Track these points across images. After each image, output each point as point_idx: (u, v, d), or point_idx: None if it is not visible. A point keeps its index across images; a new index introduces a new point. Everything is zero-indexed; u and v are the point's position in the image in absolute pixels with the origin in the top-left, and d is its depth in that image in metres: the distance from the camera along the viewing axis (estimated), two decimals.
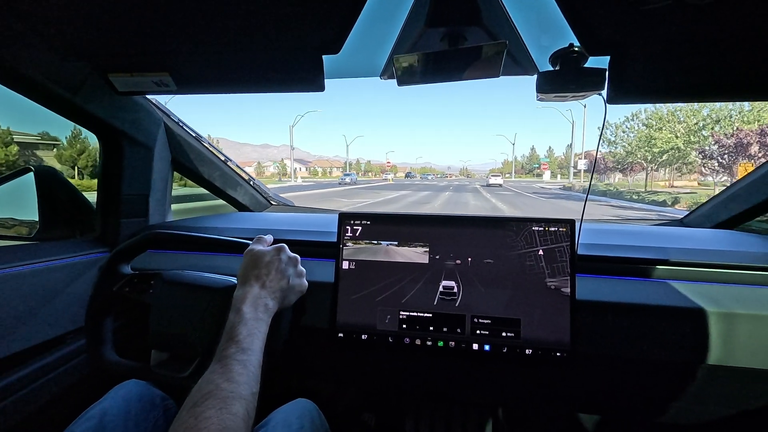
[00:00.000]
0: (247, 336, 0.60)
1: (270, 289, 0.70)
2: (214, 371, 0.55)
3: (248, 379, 0.55)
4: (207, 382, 0.53)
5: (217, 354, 0.58)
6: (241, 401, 0.52)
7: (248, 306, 0.65)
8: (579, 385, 0.94)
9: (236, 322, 0.62)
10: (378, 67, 0.93)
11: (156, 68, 0.89)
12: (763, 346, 0.76)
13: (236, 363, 0.56)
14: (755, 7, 0.56)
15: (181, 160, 1.31)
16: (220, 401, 0.50)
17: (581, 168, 34.47)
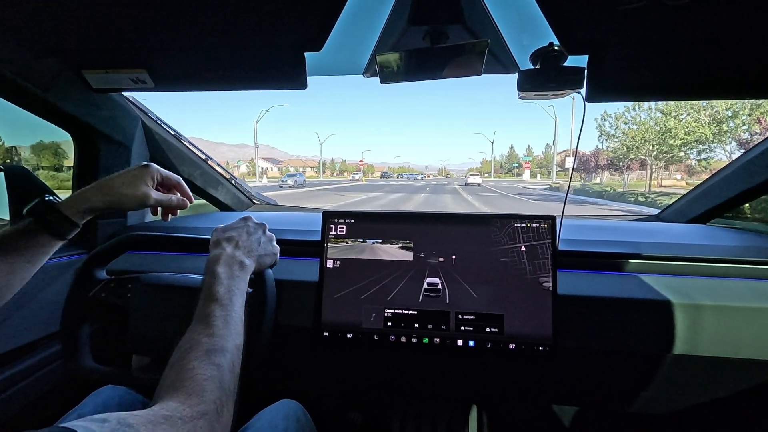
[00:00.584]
0: (225, 293, 0.59)
1: (243, 249, 0.69)
2: (194, 329, 0.54)
3: (230, 333, 0.55)
4: (188, 340, 0.52)
5: (197, 314, 0.57)
6: (224, 353, 0.51)
7: (222, 266, 0.63)
8: (558, 377, 0.96)
9: (212, 282, 0.60)
10: (360, 64, 0.92)
11: (132, 65, 0.86)
12: (725, 335, 0.79)
13: (217, 318, 0.55)
14: (728, 8, 0.58)
15: (160, 158, 1.28)
16: (202, 354, 0.49)
17: (569, 166, 32.62)
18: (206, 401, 0.44)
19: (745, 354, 0.79)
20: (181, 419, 0.41)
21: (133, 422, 0.37)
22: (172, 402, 0.43)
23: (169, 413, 0.41)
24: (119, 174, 0.68)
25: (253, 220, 0.76)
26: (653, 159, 21.64)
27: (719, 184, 1.23)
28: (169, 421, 0.40)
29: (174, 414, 0.41)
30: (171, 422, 0.40)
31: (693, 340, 0.80)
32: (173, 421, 0.40)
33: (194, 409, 0.43)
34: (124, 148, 1.15)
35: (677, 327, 0.80)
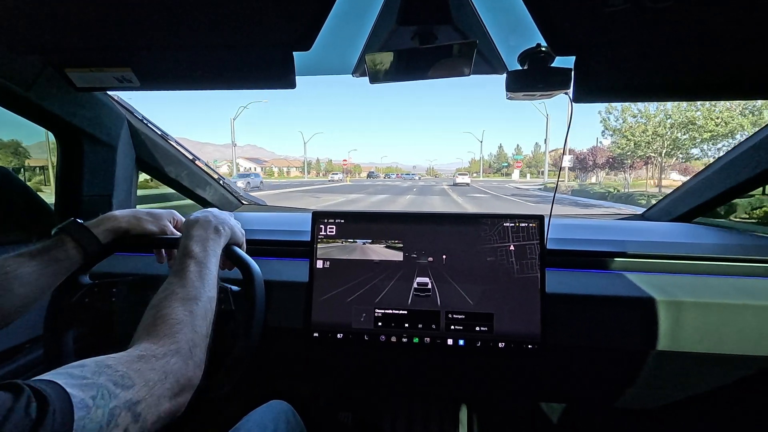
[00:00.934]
0: (200, 251, 0.62)
1: (216, 218, 0.72)
2: (170, 281, 0.57)
3: (204, 285, 0.58)
4: (163, 290, 0.55)
5: (173, 270, 0.60)
6: (197, 301, 0.55)
7: (198, 229, 0.67)
8: (547, 375, 0.97)
9: (188, 243, 0.64)
10: (350, 64, 0.92)
11: (117, 63, 0.85)
12: (708, 331, 0.80)
13: (191, 273, 0.58)
14: (711, 10, 0.59)
15: (146, 158, 1.26)
16: (175, 301, 0.53)
17: (565, 165, 29.81)
18: (178, 341, 0.48)
19: (726, 349, 0.81)
20: (155, 357, 0.44)
21: (111, 363, 0.40)
22: (146, 343, 0.47)
23: (143, 352, 0.44)
24: (149, 207, 0.79)
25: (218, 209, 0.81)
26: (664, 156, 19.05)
27: (702, 184, 1.25)
28: (143, 359, 0.43)
29: (148, 353, 0.44)
30: (145, 360, 0.43)
31: (676, 337, 0.81)
32: (147, 358, 0.43)
33: (167, 347, 0.46)
34: (110, 148, 1.13)
35: (661, 324, 0.81)
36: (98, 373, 0.38)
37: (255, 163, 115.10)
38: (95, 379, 0.37)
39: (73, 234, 0.67)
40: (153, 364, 0.43)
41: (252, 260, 0.77)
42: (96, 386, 0.36)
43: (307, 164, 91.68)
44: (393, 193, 23.54)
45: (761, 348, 0.80)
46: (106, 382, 0.37)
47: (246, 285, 0.75)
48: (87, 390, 0.35)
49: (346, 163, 72.43)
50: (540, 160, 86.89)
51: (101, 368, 0.38)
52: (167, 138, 1.32)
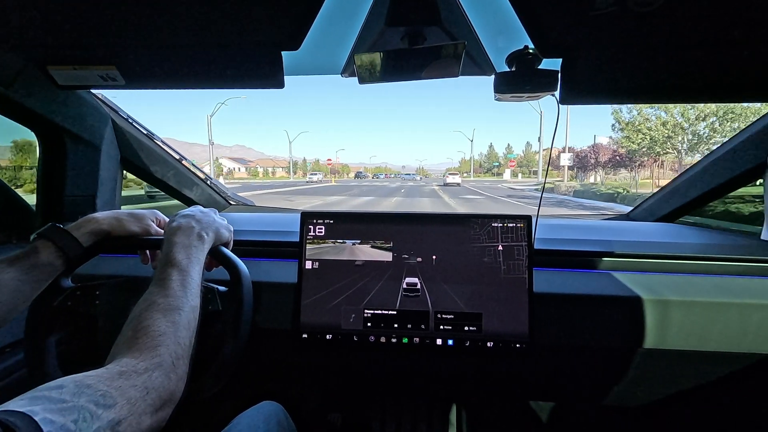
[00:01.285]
0: (183, 259, 0.61)
1: (199, 223, 0.70)
2: (151, 291, 0.55)
3: (186, 294, 0.56)
4: (144, 301, 0.54)
5: (154, 278, 0.58)
6: (180, 311, 0.53)
7: (180, 236, 0.65)
8: (535, 374, 0.98)
9: (170, 250, 0.62)
10: (339, 64, 0.92)
11: (101, 61, 0.83)
12: (692, 329, 0.82)
13: (174, 281, 0.57)
14: (694, 14, 0.60)
15: (131, 158, 1.24)
16: (156, 312, 0.51)
17: (565, 163, 27.68)
18: (161, 354, 0.46)
19: (710, 347, 0.83)
20: (136, 372, 0.43)
21: (90, 382, 0.38)
22: (127, 358, 0.44)
23: (124, 368, 0.43)
24: (131, 208, 0.77)
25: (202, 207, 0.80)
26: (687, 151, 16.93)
27: (686, 184, 1.28)
28: (124, 375, 0.42)
29: (129, 368, 0.43)
30: (126, 376, 0.42)
31: (662, 335, 0.83)
32: (128, 375, 0.42)
33: (148, 362, 0.45)
34: (93, 148, 1.11)
35: (647, 322, 0.82)
36: (78, 394, 0.36)
37: (239, 163, 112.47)
38: (75, 401, 0.35)
39: (53, 239, 0.65)
40: (134, 380, 0.42)
41: (239, 260, 0.76)
42: (77, 409, 0.35)
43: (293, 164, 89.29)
44: (379, 194, 21.74)
45: (742, 345, 0.82)
46: (87, 404, 0.36)
47: (233, 285, 0.74)
48: (68, 414, 0.34)
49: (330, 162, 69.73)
50: (531, 159, 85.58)
51: (81, 389, 0.37)
52: (153, 137, 1.30)
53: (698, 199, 1.26)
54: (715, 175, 1.19)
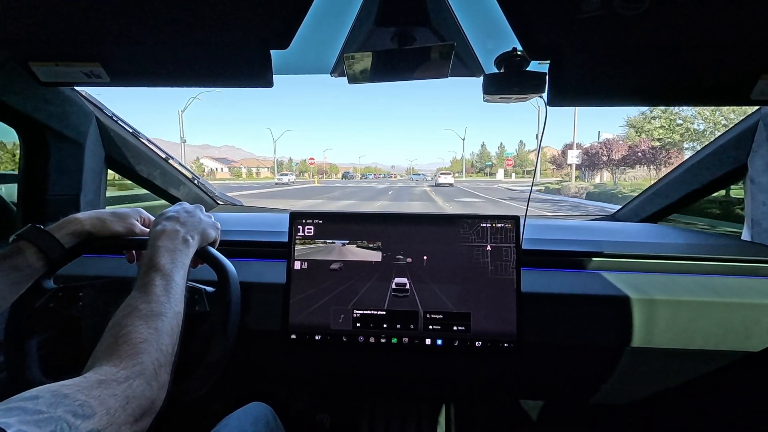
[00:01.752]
0: (166, 263, 0.59)
1: (184, 226, 0.68)
2: (132, 296, 0.54)
3: (170, 299, 0.55)
4: (125, 306, 0.52)
5: (136, 284, 0.57)
6: (162, 317, 0.52)
7: (164, 240, 0.63)
8: (524, 373, 0.99)
9: (153, 254, 0.60)
10: (328, 64, 0.92)
11: (85, 58, 0.82)
12: (678, 328, 0.84)
13: (156, 287, 0.55)
14: (680, 18, 0.62)
15: (116, 157, 1.22)
16: (138, 318, 0.50)
17: (573, 161, 24.24)
18: (142, 362, 0.45)
19: (694, 345, 0.84)
20: (116, 381, 0.41)
21: (68, 392, 0.37)
22: (106, 366, 0.43)
23: (103, 377, 0.41)
24: (112, 208, 0.76)
25: (188, 203, 0.77)
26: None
27: (670, 186, 1.31)
28: (103, 384, 0.40)
29: (108, 377, 0.41)
30: (106, 385, 0.40)
31: (649, 333, 0.84)
32: (108, 383, 0.40)
33: (129, 370, 0.43)
34: (77, 146, 1.09)
35: (634, 321, 0.84)
36: (55, 404, 0.35)
37: (222, 163, 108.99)
38: (52, 412, 0.34)
39: (33, 240, 0.64)
40: (114, 389, 0.40)
41: (227, 260, 0.75)
42: (54, 420, 0.33)
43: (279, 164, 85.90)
44: (363, 197, 19.60)
45: (725, 343, 0.84)
46: (65, 414, 0.34)
47: (221, 286, 0.73)
48: (44, 425, 0.32)
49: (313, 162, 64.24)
50: (525, 159, 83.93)
51: (58, 399, 0.35)
52: (138, 135, 1.28)
53: (682, 200, 1.29)
54: (698, 177, 1.21)
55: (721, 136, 1.15)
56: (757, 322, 0.83)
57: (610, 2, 0.58)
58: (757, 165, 1.04)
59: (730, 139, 1.10)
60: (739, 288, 0.87)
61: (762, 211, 1.03)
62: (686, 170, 1.25)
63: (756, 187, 1.05)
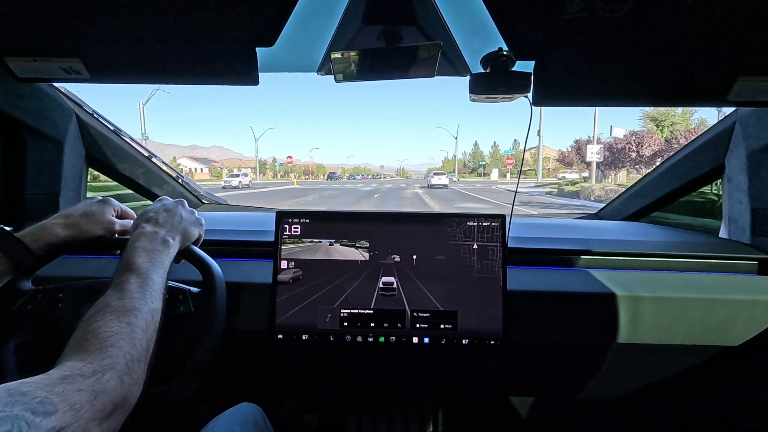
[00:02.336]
0: (143, 263, 0.58)
1: (164, 226, 0.67)
2: (107, 295, 0.52)
3: (145, 296, 0.53)
4: (98, 304, 0.51)
5: (112, 283, 0.55)
6: (136, 312, 0.50)
7: (143, 241, 0.62)
8: (512, 370, 1.00)
9: (131, 255, 0.59)
10: (315, 62, 0.91)
11: (65, 53, 0.80)
12: (662, 324, 0.86)
13: (131, 285, 0.54)
14: (660, 20, 0.63)
15: (97, 155, 1.19)
16: (109, 314, 0.48)
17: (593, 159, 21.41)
18: (113, 356, 0.43)
19: (677, 340, 0.87)
20: (82, 375, 0.39)
21: (26, 389, 0.35)
22: (72, 361, 0.41)
23: (68, 372, 0.39)
24: (80, 206, 0.70)
25: (170, 199, 0.75)
26: None
27: (650, 185, 1.33)
28: (67, 380, 0.38)
29: (74, 372, 0.39)
30: (70, 380, 0.38)
31: (633, 329, 0.86)
32: (73, 378, 0.39)
33: (97, 364, 0.41)
34: (56, 144, 1.06)
35: (619, 317, 0.85)
36: (12, 403, 0.33)
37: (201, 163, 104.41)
38: (9, 410, 0.32)
39: (1, 246, 0.61)
40: (80, 384, 0.38)
41: (212, 260, 0.75)
42: (10, 419, 0.32)
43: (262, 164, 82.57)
44: (342, 202, 17.48)
45: (705, 338, 0.87)
46: (23, 412, 0.33)
47: (206, 286, 0.72)
48: (1, 424, 0.31)
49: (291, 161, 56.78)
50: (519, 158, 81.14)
51: (15, 397, 0.34)
52: (120, 133, 1.25)
53: (662, 199, 1.32)
54: (678, 176, 1.24)
55: (700, 136, 1.18)
56: (735, 317, 0.86)
57: (593, 4, 0.59)
58: (733, 164, 1.07)
59: (709, 139, 1.13)
60: (717, 284, 0.90)
61: (738, 209, 1.06)
62: (667, 169, 1.27)
63: (733, 185, 1.08)
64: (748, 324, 0.86)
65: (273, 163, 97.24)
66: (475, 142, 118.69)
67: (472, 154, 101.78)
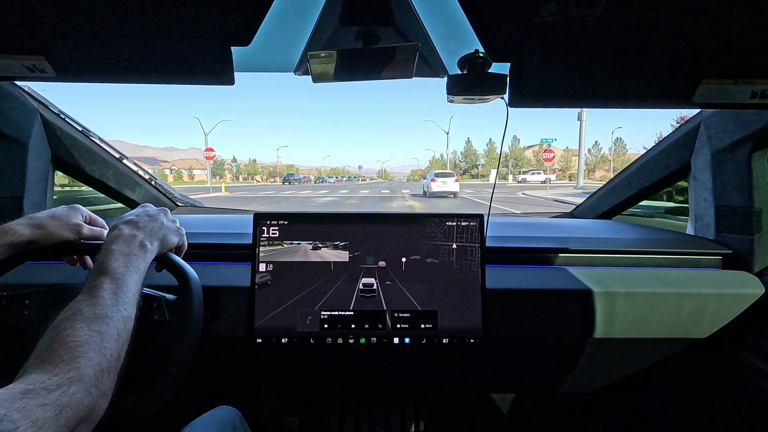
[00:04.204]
0: (118, 267, 0.55)
1: (144, 230, 0.65)
2: (77, 300, 0.49)
3: (118, 303, 0.51)
4: (67, 309, 0.48)
5: (84, 287, 0.52)
6: (108, 320, 0.47)
7: (119, 244, 0.59)
8: (492, 368, 1.02)
9: (105, 258, 0.56)
10: (292, 62, 0.90)
11: (28, 50, 0.76)
12: (635, 318, 0.89)
13: (104, 290, 0.51)
14: (626, 26, 0.65)
15: (64, 157, 1.15)
16: (80, 321, 0.45)
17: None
18: (80, 367, 0.41)
19: (650, 334, 0.90)
20: (46, 389, 0.37)
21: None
22: (37, 374, 0.39)
23: (30, 386, 0.37)
24: (46, 210, 0.68)
25: (153, 206, 0.73)
26: None
27: (621, 184, 1.38)
28: (29, 394, 0.36)
29: (37, 385, 0.37)
30: (33, 395, 0.36)
31: (608, 325, 0.88)
32: (36, 393, 0.36)
33: (63, 376, 0.39)
34: (19, 145, 1.01)
35: (595, 313, 0.88)
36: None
37: (147, 164, 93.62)
38: None
39: None
40: (43, 398, 0.36)
41: (189, 266, 0.73)
42: None
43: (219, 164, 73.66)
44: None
45: (676, 331, 0.90)
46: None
47: (182, 293, 0.70)
48: None
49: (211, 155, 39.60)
50: (520, 157, 75.06)
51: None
52: (88, 134, 1.21)
53: (633, 197, 1.36)
54: (647, 175, 1.29)
55: (667, 136, 1.23)
56: (703, 310, 0.89)
57: (567, 8, 0.60)
58: (698, 163, 1.12)
59: (676, 139, 1.18)
60: (686, 279, 0.93)
61: (703, 206, 1.11)
62: (637, 169, 1.32)
63: (698, 184, 1.12)
64: (714, 316, 0.90)
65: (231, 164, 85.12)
66: (467, 138, 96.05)
67: (465, 152, 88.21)
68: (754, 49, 0.67)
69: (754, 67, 0.69)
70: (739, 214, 1.01)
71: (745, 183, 0.99)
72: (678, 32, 0.66)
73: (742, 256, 1.01)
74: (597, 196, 1.50)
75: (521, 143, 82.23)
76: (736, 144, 0.99)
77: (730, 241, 1.03)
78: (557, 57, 0.75)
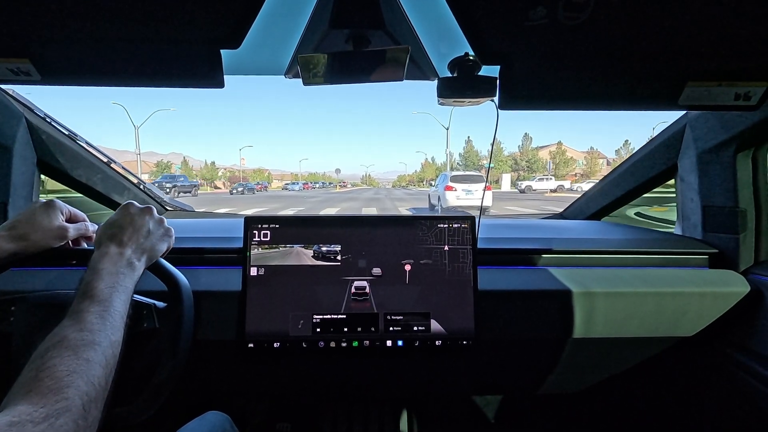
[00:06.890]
0: (105, 289, 0.54)
1: (130, 246, 0.63)
2: (63, 326, 0.48)
3: (105, 327, 0.49)
4: (53, 335, 0.46)
5: (70, 310, 0.51)
6: (95, 347, 0.46)
7: (106, 263, 0.58)
8: (480, 370, 1.02)
9: (91, 279, 0.55)
10: (282, 65, 0.90)
11: (12, 53, 0.75)
12: (616, 318, 0.90)
13: (91, 314, 0.50)
14: (612, 29, 0.66)
15: (50, 161, 1.13)
16: (67, 349, 0.44)
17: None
18: (68, 398, 0.39)
19: (632, 333, 0.91)
20: (32, 422, 0.36)
21: None
22: (23, 405, 0.37)
23: (16, 419, 0.35)
24: (24, 214, 0.65)
25: (136, 206, 0.70)
26: None
27: (610, 185, 1.40)
28: (16, 426, 0.35)
29: (23, 418, 0.36)
30: (19, 427, 0.35)
31: (589, 324, 0.89)
32: (22, 425, 0.35)
33: (50, 407, 0.38)
34: (4, 150, 0.99)
35: (577, 313, 0.89)
36: None
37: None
38: None
39: None
40: (29, 431, 0.35)
41: (179, 273, 0.72)
42: None
43: (166, 166, 66.59)
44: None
45: (659, 330, 0.91)
46: None
47: (172, 301, 0.69)
48: None
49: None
50: (534, 157, 63.59)
51: None
52: (75, 138, 1.19)
53: (621, 199, 1.38)
54: (635, 176, 1.31)
55: (655, 138, 1.24)
56: (686, 309, 0.90)
57: (555, 12, 0.61)
58: (685, 165, 1.13)
59: (663, 141, 1.20)
60: (670, 278, 0.95)
61: (690, 207, 1.13)
62: (625, 170, 1.34)
63: (685, 185, 1.14)
64: (699, 315, 0.91)
65: (184, 165, 74.27)
66: (467, 137, 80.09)
67: (464, 154, 72.96)
68: (738, 52, 0.68)
69: (738, 70, 0.71)
70: (725, 214, 1.03)
71: (731, 183, 1.01)
72: (664, 36, 0.67)
73: (728, 255, 1.02)
74: (586, 198, 1.52)
75: (533, 143, 69.48)
76: (721, 145, 1.01)
77: (717, 241, 1.05)
78: (546, 60, 0.76)
